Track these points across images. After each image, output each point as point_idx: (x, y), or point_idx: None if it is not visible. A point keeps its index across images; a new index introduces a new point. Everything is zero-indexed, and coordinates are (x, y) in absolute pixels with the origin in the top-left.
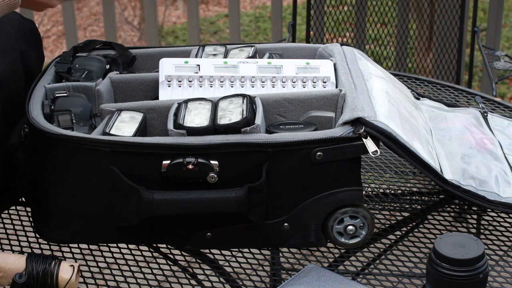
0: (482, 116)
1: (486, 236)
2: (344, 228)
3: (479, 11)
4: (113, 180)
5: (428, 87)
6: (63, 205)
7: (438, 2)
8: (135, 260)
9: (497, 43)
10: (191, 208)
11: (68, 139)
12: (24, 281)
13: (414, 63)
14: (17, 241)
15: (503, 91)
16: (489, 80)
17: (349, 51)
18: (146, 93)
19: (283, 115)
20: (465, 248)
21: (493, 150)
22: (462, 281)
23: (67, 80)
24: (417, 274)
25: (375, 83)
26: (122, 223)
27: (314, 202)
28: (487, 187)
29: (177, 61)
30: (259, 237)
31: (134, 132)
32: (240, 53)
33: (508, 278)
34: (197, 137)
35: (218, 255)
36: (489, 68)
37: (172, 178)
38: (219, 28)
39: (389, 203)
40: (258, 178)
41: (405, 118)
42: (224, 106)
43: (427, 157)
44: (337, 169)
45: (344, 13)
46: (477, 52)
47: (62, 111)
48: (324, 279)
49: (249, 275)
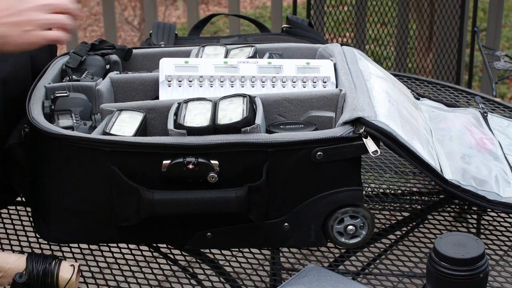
0: (482, 116)
1: (486, 236)
2: (344, 228)
3: (479, 11)
4: (113, 180)
5: (428, 87)
6: (63, 205)
7: (438, 2)
8: (135, 260)
9: (497, 43)
10: (191, 208)
11: (68, 139)
12: (25, 280)
13: (414, 63)
14: (17, 241)
15: (503, 91)
16: (489, 80)
17: (349, 51)
18: (146, 93)
19: (283, 115)
20: (466, 248)
21: (493, 150)
22: (462, 280)
23: (69, 76)
24: (418, 274)
25: (375, 83)
26: (122, 223)
27: (314, 202)
28: (487, 187)
29: (177, 61)
30: (259, 237)
31: (134, 132)
32: (240, 53)
33: (508, 277)
34: (197, 137)
35: (218, 255)
36: (489, 68)
37: (172, 178)
38: (219, 28)
39: (389, 203)
40: (258, 178)
41: (405, 118)
42: (224, 106)
43: (427, 157)
44: (337, 169)
45: (344, 13)
46: (477, 52)
47: (63, 111)
48: (324, 279)
49: (249, 275)
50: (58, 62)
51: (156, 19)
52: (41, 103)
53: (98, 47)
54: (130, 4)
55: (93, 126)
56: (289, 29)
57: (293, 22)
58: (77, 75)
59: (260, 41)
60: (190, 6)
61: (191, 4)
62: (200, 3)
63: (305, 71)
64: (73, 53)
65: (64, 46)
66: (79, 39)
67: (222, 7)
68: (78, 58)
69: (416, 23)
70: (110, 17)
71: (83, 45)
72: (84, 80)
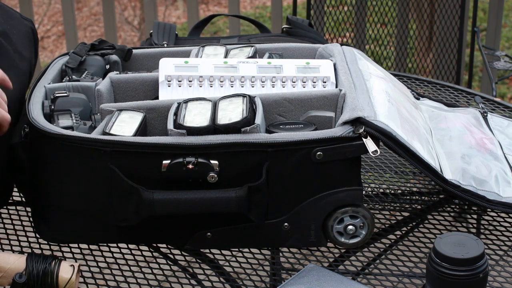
0: (482, 116)
1: (486, 236)
2: (344, 228)
3: (479, 11)
4: (113, 180)
5: (428, 87)
6: (63, 205)
7: (438, 2)
8: (135, 260)
9: (497, 43)
10: (191, 208)
11: (68, 139)
12: (24, 280)
13: (414, 63)
14: (17, 241)
15: (503, 91)
16: (489, 80)
17: (349, 51)
18: (146, 93)
19: (283, 115)
20: (465, 248)
21: (493, 150)
22: (462, 280)
23: (69, 76)
24: (417, 274)
25: (375, 83)
26: (122, 223)
27: (314, 201)
28: (487, 187)
29: (177, 61)
30: (259, 237)
31: (134, 132)
32: (240, 53)
33: (508, 277)
34: (197, 136)
35: (218, 254)
36: (489, 68)
37: (172, 178)
38: (219, 28)
39: (389, 203)
40: (258, 178)
41: (405, 118)
42: (224, 106)
43: (427, 157)
44: (337, 168)
45: (344, 13)
46: (477, 52)
47: (62, 111)
48: (324, 279)
49: (249, 275)
50: (58, 62)
51: (156, 19)
52: (41, 103)
53: (98, 47)
54: (130, 4)
55: (93, 126)
56: (290, 30)
57: (293, 23)
58: (77, 75)
59: (260, 41)
60: (190, 6)
61: (191, 4)
62: (200, 3)
63: (305, 71)
64: (73, 53)
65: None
66: (79, 39)
67: (222, 7)
68: (78, 58)
69: (416, 23)
70: (110, 17)
71: (83, 45)
72: (84, 80)
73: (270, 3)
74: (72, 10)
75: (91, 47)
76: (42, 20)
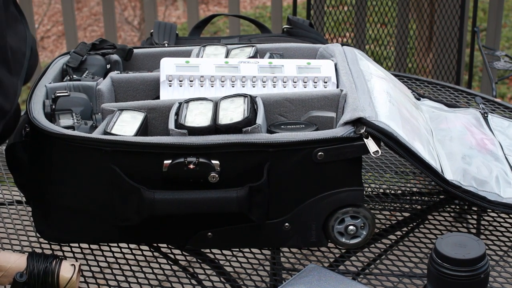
0: (483, 117)
1: (487, 236)
2: (345, 228)
3: (479, 11)
4: (114, 180)
5: (428, 88)
6: (64, 204)
7: (438, 2)
8: (136, 259)
9: (497, 43)
10: (192, 208)
11: (69, 139)
12: (25, 280)
13: (414, 63)
14: (18, 240)
15: (503, 91)
16: (489, 80)
17: (350, 51)
18: (147, 92)
19: (284, 115)
20: (466, 248)
21: (493, 150)
22: (463, 281)
23: (70, 76)
24: (418, 274)
25: (376, 83)
26: (123, 223)
27: (315, 202)
28: (488, 187)
29: (178, 61)
30: (260, 237)
31: (135, 131)
32: (241, 53)
33: (508, 278)
34: (198, 137)
35: (219, 254)
36: (489, 68)
37: (173, 178)
38: (219, 28)
39: (389, 203)
40: (259, 178)
41: (406, 119)
42: (225, 106)
43: (428, 158)
44: (338, 169)
45: (344, 13)
46: (477, 52)
47: (63, 111)
48: (325, 279)
49: (250, 275)
50: (58, 62)
51: (156, 19)
52: (41, 102)
53: (99, 46)
54: (130, 4)
55: (94, 125)
56: (290, 30)
57: (294, 23)
58: (78, 75)
59: (261, 42)
60: (190, 6)
61: (191, 4)
62: (200, 3)
63: (306, 71)
64: (73, 52)
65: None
66: (79, 39)
67: (222, 7)
68: (78, 58)
69: (416, 23)
70: (110, 17)
71: (84, 44)
72: (85, 79)
73: (270, 3)
74: (72, 10)
75: (92, 47)
76: (42, 20)
